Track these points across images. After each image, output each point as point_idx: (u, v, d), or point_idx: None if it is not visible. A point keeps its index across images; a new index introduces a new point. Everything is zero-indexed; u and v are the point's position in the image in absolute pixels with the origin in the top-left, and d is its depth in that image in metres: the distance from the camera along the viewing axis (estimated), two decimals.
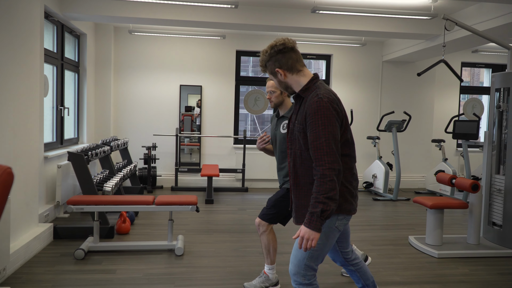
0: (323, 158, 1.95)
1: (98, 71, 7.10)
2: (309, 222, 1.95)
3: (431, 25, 6.06)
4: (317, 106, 1.98)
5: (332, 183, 1.94)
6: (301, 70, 2.15)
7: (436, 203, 4.19)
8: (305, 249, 1.99)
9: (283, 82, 2.18)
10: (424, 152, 8.23)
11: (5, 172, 0.92)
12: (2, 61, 3.43)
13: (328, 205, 1.93)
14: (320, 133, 1.96)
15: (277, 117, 3.20)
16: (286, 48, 2.13)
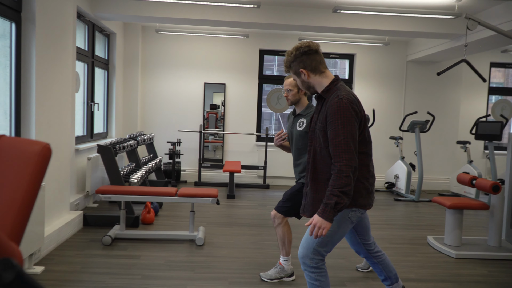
0: (341, 155, 2.08)
1: (127, 69, 7.35)
2: (323, 212, 2.08)
3: (456, 24, 6.02)
4: (337, 107, 2.10)
5: (347, 179, 2.06)
6: (323, 71, 2.28)
7: (455, 203, 4.20)
8: (315, 236, 2.12)
9: (306, 82, 2.30)
10: (448, 154, 8.15)
11: (45, 148, 1.05)
12: (38, 59, 3.65)
13: (342, 198, 2.06)
14: (340, 132, 2.08)
15: (293, 115, 3.30)
16: (311, 50, 2.25)
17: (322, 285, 2.30)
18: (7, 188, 0.96)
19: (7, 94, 3.54)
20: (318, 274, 2.29)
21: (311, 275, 2.29)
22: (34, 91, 3.62)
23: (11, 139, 1.06)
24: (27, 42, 3.60)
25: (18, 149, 1.02)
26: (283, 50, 7.84)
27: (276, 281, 3.30)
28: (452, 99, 8.11)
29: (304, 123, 3.16)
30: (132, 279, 3.23)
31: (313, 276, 2.29)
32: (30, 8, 3.58)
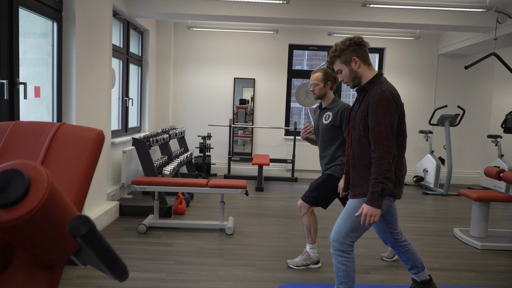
0: (382, 142, 2.22)
1: (159, 65, 7.61)
2: (371, 200, 2.23)
3: (487, 17, 5.95)
4: (380, 97, 2.25)
5: (389, 165, 2.21)
6: (370, 64, 2.45)
7: (481, 195, 4.22)
8: (368, 224, 2.27)
9: (354, 72, 2.43)
10: (479, 148, 8.05)
11: (99, 134, 1.24)
12: (78, 56, 3.90)
13: (386, 184, 2.21)
14: (381, 121, 2.23)
15: (319, 109, 3.42)
16: (363, 42, 2.43)
17: (347, 270, 2.43)
18: (70, 168, 1.14)
19: (49, 90, 3.81)
20: (346, 259, 2.42)
21: (339, 258, 2.43)
22: (74, 87, 3.88)
23: (70, 126, 1.25)
24: (68, 40, 3.85)
25: (77, 135, 1.20)
26: (312, 45, 7.92)
27: (302, 268, 3.45)
28: (484, 93, 8.00)
29: (330, 117, 3.27)
30: (165, 264, 3.45)
31: (341, 260, 2.42)
32: (71, 7, 3.83)
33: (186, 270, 3.34)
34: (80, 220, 0.88)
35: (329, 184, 3.28)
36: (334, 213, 5.14)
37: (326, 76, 3.33)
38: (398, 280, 3.28)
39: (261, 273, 3.34)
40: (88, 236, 0.88)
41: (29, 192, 0.85)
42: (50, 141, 1.16)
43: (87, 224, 0.88)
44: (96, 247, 0.91)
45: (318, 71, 3.36)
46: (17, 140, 1.18)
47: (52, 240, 0.93)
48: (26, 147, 1.17)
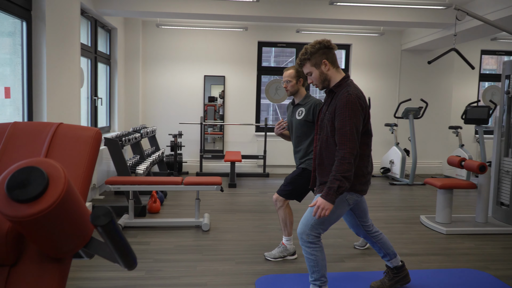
0: (346, 143, 2.36)
1: (128, 63, 7.54)
2: (326, 194, 2.36)
3: (447, 14, 6.24)
4: (346, 100, 2.39)
5: (349, 165, 2.35)
6: (338, 67, 2.58)
7: (445, 183, 4.46)
8: (318, 216, 2.39)
9: (324, 74, 2.55)
10: (441, 139, 8.41)
11: (97, 132, 1.29)
12: (49, 56, 3.86)
13: (344, 183, 2.34)
14: (346, 123, 2.37)
15: (292, 105, 3.53)
16: (332, 46, 2.55)
17: (317, 259, 2.56)
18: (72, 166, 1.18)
19: (19, 90, 3.75)
20: (314, 249, 2.54)
21: (308, 250, 2.55)
22: (45, 87, 3.83)
23: (68, 126, 1.29)
24: (38, 39, 3.80)
25: (76, 134, 1.24)
26: (280, 42, 8.04)
27: (279, 259, 3.55)
28: (444, 86, 8.35)
29: (303, 112, 3.39)
30: (144, 262, 3.48)
31: (309, 251, 2.55)
32: (40, 6, 3.78)
33: (166, 267, 3.38)
34: (102, 211, 0.94)
35: (303, 177, 3.40)
36: (306, 207, 5.27)
37: (298, 73, 3.44)
38: (371, 267, 3.44)
39: (239, 266, 3.42)
40: (108, 226, 0.94)
41: (48, 188, 0.90)
42: (50, 141, 1.20)
43: (108, 215, 0.94)
44: (114, 236, 0.98)
45: (291, 68, 3.46)
46: (17, 140, 1.21)
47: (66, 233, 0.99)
48: (26, 147, 1.21)
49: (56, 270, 1.03)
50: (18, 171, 0.89)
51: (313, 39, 2.71)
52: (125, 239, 1.04)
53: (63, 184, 0.90)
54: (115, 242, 0.98)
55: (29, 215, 0.87)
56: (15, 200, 0.88)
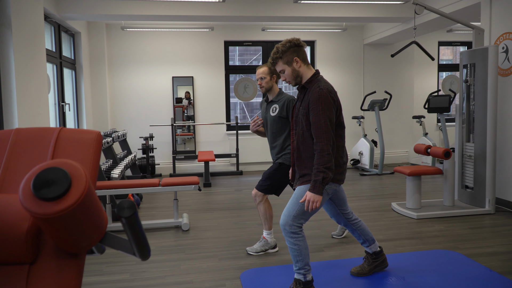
0: (323, 136, 2.49)
1: (93, 67, 7.44)
2: (313, 187, 2.49)
3: (405, 9, 6.49)
4: (319, 95, 2.52)
5: (329, 156, 2.48)
6: (309, 64, 2.71)
7: (413, 170, 4.67)
8: (310, 209, 2.52)
9: (296, 71, 2.67)
10: (406, 128, 8.73)
11: (98, 135, 1.33)
12: (17, 62, 3.79)
13: (327, 173, 2.48)
14: (321, 116, 2.50)
15: (266, 102, 3.63)
16: (301, 44, 2.68)
17: (300, 249, 2.67)
18: None
19: None
20: (296, 239, 2.65)
21: (291, 240, 2.66)
22: (15, 94, 3.77)
23: (70, 130, 1.33)
24: (5, 46, 3.74)
25: (78, 138, 1.28)
26: (247, 41, 8.12)
27: (261, 253, 3.65)
28: (406, 78, 8.67)
29: (277, 109, 3.49)
30: (127, 265, 3.49)
31: (292, 241, 2.66)
32: (5, 13, 3.71)
33: (150, 268, 3.41)
34: (127, 203, 1.01)
35: (281, 172, 3.50)
36: (284, 201, 5.39)
37: (271, 70, 3.53)
38: (350, 254, 3.59)
39: (223, 262, 3.49)
40: (132, 218, 1.01)
41: (71, 187, 0.95)
42: (54, 145, 1.24)
43: (132, 208, 1.01)
44: (136, 227, 1.04)
45: (264, 65, 3.55)
46: (22, 146, 1.25)
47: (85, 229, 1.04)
48: (32, 152, 1.24)
49: (74, 265, 1.08)
50: (43, 172, 0.95)
51: (278, 37, 2.84)
52: (143, 231, 1.10)
53: (85, 183, 0.96)
54: (136, 233, 1.05)
55: (56, 212, 0.93)
56: (42, 199, 0.94)
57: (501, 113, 4.83)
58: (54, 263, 1.06)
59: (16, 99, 3.78)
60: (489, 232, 4.07)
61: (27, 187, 0.94)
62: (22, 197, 0.93)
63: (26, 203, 0.93)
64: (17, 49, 3.82)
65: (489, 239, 3.85)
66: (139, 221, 1.07)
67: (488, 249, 3.59)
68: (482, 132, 4.66)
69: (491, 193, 4.62)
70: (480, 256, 3.43)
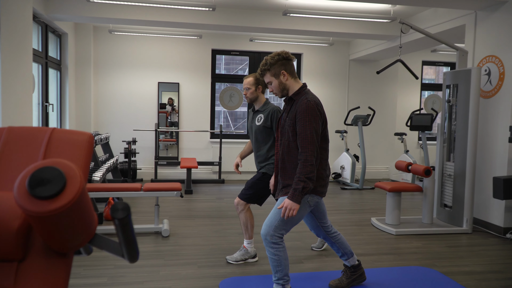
0: (308, 146, 2.53)
1: (79, 69, 7.37)
2: (292, 196, 2.51)
3: (391, 27, 6.64)
4: (306, 107, 2.56)
5: (312, 167, 2.52)
6: (296, 77, 2.76)
7: (394, 187, 4.74)
8: (286, 217, 2.54)
9: (283, 84, 2.72)
10: (387, 145, 8.86)
11: (90, 136, 1.33)
12: (4, 60, 3.74)
13: (308, 183, 2.51)
14: (307, 127, 2.54)
15: (253, 112, 3.66)
16: (290, 58, 2.73)
17: (280, 259, 2.68)
18: None
19: None
20: (277, 249, 2.67)
21: (271, 250, 2.67)
22: (0, 93, 3.72)
23: (62, 131, 1.33)
24: None
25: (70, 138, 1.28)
26: (234, 50, 8.17)
27: (241, 262, 3.64)
28: (389, 95, 8.82)
29: (262, 118, 3.52)
30: (105, 269, 3.45)
31: (273, 251, 2.67)
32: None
33: (128, 273, 3.37)
34: (121, 205, 1.01)
35: (264, 182, 3.52)
36: (265, 211, 5.40)
37: (257, 81, 3.56)
38: (328, 267, 3.61)
39: (202, 270, 3.48)
40: (125, 220, 1.01)
41: (66, 186, 0.95)
42: (46, 145, 1.23)
43: (126, 210, 1.02)
44: (128, 229, 1.04)
45: (250, 76, 3.58)
46: (14, 145, 1.24)
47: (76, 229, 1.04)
48: (23, 151, 1.23)
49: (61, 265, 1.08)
50: (38, 170, 0.95)
51: (266, 48, 2.90)
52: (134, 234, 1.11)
53: (79, 183, 0.96)
54: (127, 235, 1.06)
55: (50, 211, 0.93)
56: (37, 197, 0.94)
57: (481, 134, 4.96)
58: (42, 262, 1.05)
59: (1, 97, 3.72)
60: (466, 251, 4.15)
61: (22, 185, 0.94)
62: (17, 194, 0.93)
63: (21, 200, 0.93)
64: (4, 47, 3.77)
65: (466, 258, 3.92)
66: (132, 223, 1.08)
67: (465, 268, 3.66)
68: (463, 152, 4.77)
69: (469, 212, 4.71)
70: (457, 275, 3.49)
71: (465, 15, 5.32)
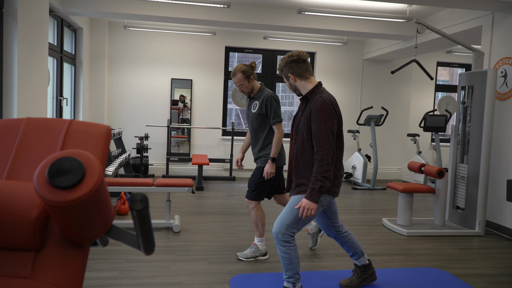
0: (323, 145, 2.51)
1: (93, 64, 7.43)
2: (310, 195, 2.50)
3: (407, 27, 6.58)
4: (321, 105, 2.55)
5: (328, 166, 2.51)
6: (308, 77, 2.72)
7: (406, 187, 4.70)
8: (305, 216, 2.53)
9: (292, 85, 2.75)
10: (400, 146, 8.79)
11: (108, 129, 1.34)
12: (20, 54, 3.79)
13: (325, 182, 2.50)
14: (322, 126, 2.52)
15: (249, 98, 3.66)
16: (299, 59, 2.70)
17: (291, 258, 2.68)
18: None
19: None
20: (288, 247, 2.66)
21: (283, 248, 2.67)
22: (16, 86, 3.76)
23: (80, 123, 1.34)
24: (9, 37, 3.73)
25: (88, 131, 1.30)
26: (248, 48, 8.17)
27: (251, 259, 3.64)
28: (403, 95, 8.75)
29: (257, 106, 3.53)
30: (117, 263, 3.48)
31: (284, 250, 2.67)
32: (12, 5, 3.71)
33: (139, 267, 3.40)
34: (139, 196, 1.02)
35: (262, 178, 3.51)
36: (276, 209, 5.41)
37: (245, 74, 3.52)
38: (339, 266, 3.60)
39: (213, 266, 3.49)
40: (143, 211, 1.02)
41: (85, 177, 0.96)
42: (64, 136, 1.25)
43: (145, 201, 1.03)
44: (145, 221, 1.05)
45: (236, 73, 3.51)
46: (32, 135, 1.25)
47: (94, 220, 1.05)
48: (42, 142, 1.25)
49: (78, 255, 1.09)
50: (58, 161, 0.96)
51: (279, 46, 2.91)
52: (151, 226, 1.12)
53: (98, 174, 0.98)
54: (144, 227, 1.07)
55: (69, 201, 0.94)
56: (56, 187, 0.95)
57: (496, 136, 4.90)
58: (59, 252, 1.07)
59: (17, 90, 3.77)
60: (478, 253, 4.11)
61: (42, 174, 0.95)
62: (36, 184, 0.94)
63: (40, 190, 0.94)
64: (21, 41, 3.81)
65: (478, 261, 3.88)
66: (149, 215, 1.09)
67: (477, 271, 3.62)
68: (477, 154, 4.71)
69: (482, 215, 4.66)
70: (469, 277, 3.45)
71: (482, 16, 5.25)
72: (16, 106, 3.76)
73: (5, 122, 1.28)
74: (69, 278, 1.07)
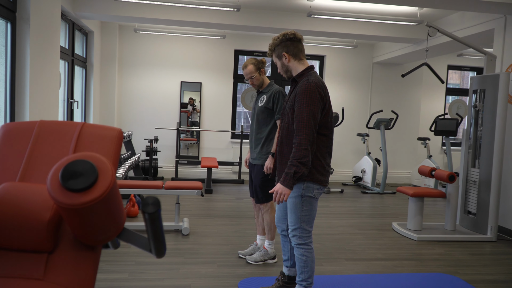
0: (302, 129, 2.41)
1: (104, 67, 7.49)
2: (284, 180, 2.42)
3: (417, 30, 6.54)
4: (305, 88, 2.45)
5: (306, 151, 2.39)
6: (302, 59, 2.65)
7: (417, 191, 4.67)
8: (278, 202, 2.44)
9: (285, 66, 2.65)
10: (410, 149, 8.73)
11: (120, 132, 1.35)
12: (32, 57, 3.83)
13: (300, 168, 2.38)
14: (304, 109, 2.42)
15: (257, 93, 3.67)
16: (295, 38, 2.63)
17: (307, 261, 2.64)
18: None
19: (1, 90, 3.71)
20: (306, 250, 2.62)
21: (300, 250, 2.63)
22: (28, 89, 3.80)
23: (92, 126, 1.35)
24: (22, 41, 3.77)
25: (101, 134, 1.31)
26: (257, 51, 8.18)
27: (260, 263, 3.63)
28: (413, 99, 8.69)
29: (264, 99, 3.52)
30: (126, 265, 3.49)
31: (301, 252, 2.62)
32: (25, 8, 3.76)
33: (148, 269, 3.41)
34: (151, 200, 1.02)
35: (265, 176, 3.48)
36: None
37: (257, 66, 3.55)
38: (349, 270, 3.57)
39: (222, 269, 3.48)
40: (155, 214, 1.02)
41: (98, 180, 0.97)
42: (77, 139, 1.26)
43: (157, 204, 1.03)
44: (156, 224, 1.06)
45: (248, 64, 3.54)
46: (46, 138, 1.27)
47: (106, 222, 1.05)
48: (54, 144, 1.26)
49: (90, 258, 1.10)
50: (71, 163, 0.97)
51: None
52: (163, 229, 1.12)
53: (111, 176, 0.98)
54: (156, 230, 1.07)
55: (81, 204, 0.94)
56: (69, 190, 0.95)
57: (508, 140, 4.84)
58: (72, 254, 1.07)
59: (29, 92, 3.80)
60: (489, 259, 4.06)
61: (55, 177, 0.96)
62: (50, 186, 0.95)
63: (54, 192, 0.95)
64: (33, 44, 3.86)
65: (490, 267, 3.83)
66: (161, 218, 1.09)
67: (488, 277, 3.57)
68: (488, 158, 4.66)
69: (494, 220, 4.60)
70: (480, 283, 3.41)
71: (494, 19, 5.21)
72: (28, 108, 3.80)
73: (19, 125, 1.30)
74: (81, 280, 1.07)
